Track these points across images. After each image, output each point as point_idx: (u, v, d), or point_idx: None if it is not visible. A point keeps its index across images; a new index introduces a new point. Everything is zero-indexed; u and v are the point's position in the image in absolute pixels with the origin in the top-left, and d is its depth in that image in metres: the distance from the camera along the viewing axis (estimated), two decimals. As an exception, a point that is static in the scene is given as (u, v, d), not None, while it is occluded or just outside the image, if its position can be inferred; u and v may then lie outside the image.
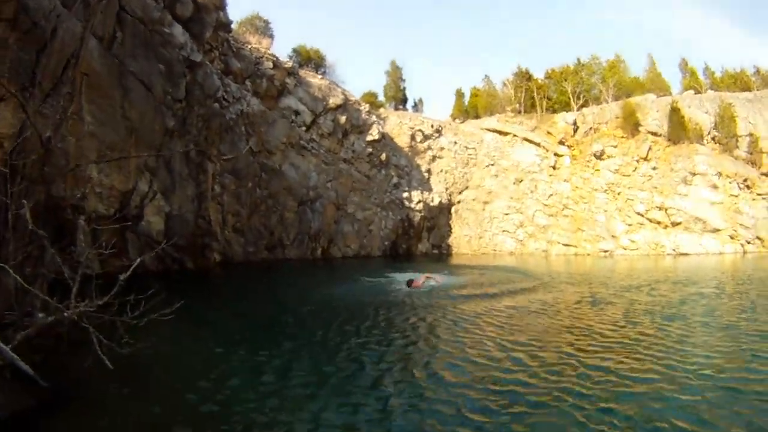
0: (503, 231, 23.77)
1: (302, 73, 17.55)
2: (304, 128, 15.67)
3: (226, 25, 13.03)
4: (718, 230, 22.04)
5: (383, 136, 19.33)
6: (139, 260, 4.33)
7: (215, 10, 11.41)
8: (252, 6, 55.66)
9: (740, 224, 21.80)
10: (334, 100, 17.32)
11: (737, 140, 23.17)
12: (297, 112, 15.46)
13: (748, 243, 21.68)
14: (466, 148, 23.04)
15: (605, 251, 23.12)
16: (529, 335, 6.42)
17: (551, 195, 23.67)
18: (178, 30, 10.43)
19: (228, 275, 11.15)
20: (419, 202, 20.90)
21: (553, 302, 9.79)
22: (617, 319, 8.06)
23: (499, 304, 8.96)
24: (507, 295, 10.35)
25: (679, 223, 22.50)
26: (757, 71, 30.75)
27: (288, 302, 8.90)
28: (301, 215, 15.72)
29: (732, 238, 21.86)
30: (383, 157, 19.26)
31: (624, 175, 23.27)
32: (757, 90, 27.24)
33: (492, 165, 23.54)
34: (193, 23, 10.97)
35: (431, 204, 21.48)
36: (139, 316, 4.02)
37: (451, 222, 22.82)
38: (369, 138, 18.56)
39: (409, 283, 10.40)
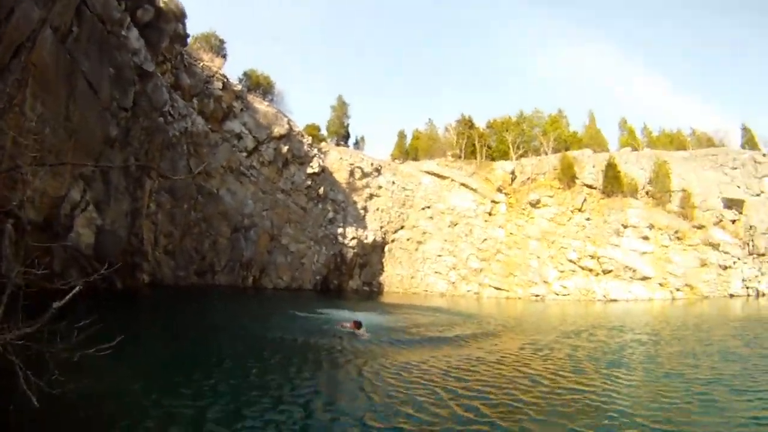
0: (435, 272, 23.99)
1: (250, 97, 17.35)
2: (245, 154, 15.39)
3: (182, 38, 12.73)
4: (648, 278, 23.21)
5: (323, 170, 19.29)
6: (77, 288, 3.93)
7: (175, 20, 11.14)
8: (207, 24, 55.21)
9: (670, 273, 23.06)
10: (278, 129, 17.15)
11: (670, 195, 24.78)
12: (240, 137, 15.18)
13: (678, 290, 22.95)
14: (404, 188, 23.32)
15: (537, 296, 23.81)
16: (477, 383, 6.38)
17: (485, 240, 24.22)
18: (134, 35, 10.08)
19: (157, 299, 10.62)
20: (353, 238, 20.83)
21: (499, 349, 9.87)
22: (563, 365, 8.19)
23: (444, 349, 8.91)
24: (452, 340, 10.35)
25: (610, 271, 23.53)
26: (693, 132, 33.30)
27: (220, 337, 8.56)
28: (234, 242, 15.28)
29: (662, 285, 23.06)
30: (321, 191, 19.16)
31: (558, 224, 24.21)
32: (692, 149, 29.27)
33: (428, 207, 23.90)
34: (150, 30, 10.64)
35: (365, 241, 21.44)
36: (71, 350, 3.65)
37: (383, 260, 22.82)
38: (309, 170, 18.45)
39: (357, 325, 9.80)
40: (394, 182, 22.98)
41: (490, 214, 24.44)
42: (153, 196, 11.41)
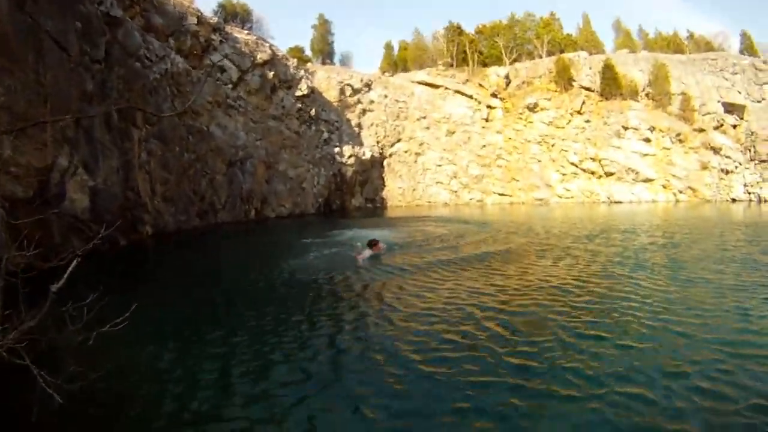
0: (437, 182, 23.89)
1: (228, 28, 16.43)
2: (230, 86, 14.80)
3: (145, -23, 11.90)
4: (651, 180, 23.11)
5: (312, 91, 18.68)
6: (74, 263, 3.74)
7: (136, -38, 10.37)
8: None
9: (672, 175, 22.92)
10: (261, 56, 16.40)
11: (670, 98, 24.11)
12: (223, 69, 14.53)
13: (680, 192, 22.88)
14: (397, 101, 22.73)
15: (540, 199, 23.83)
16: (510, 297, 6.35)
17: (484, 146, 23.93)
18: (93, -17, 9.42)
19: (162, 250, 10.48)
20: (351, 156, 20.54)
21: (520, 258, 9.86)
22: (588, 273, 8.15)
23: (466, 263, 8.90)
24: (472, 252, 10.28)
25: (612, 173, 23.39)
26: (691, 36, 31.90)
27: (230, 280, 8.43)
28: (231, 177, 15.04)
29: (665, 187, 22.98)
30: (313, 112, 18.66)
31: (558, 127, 23.80)
32: (690, 53, 28.23)
33: (423, 118, 23.40)
34: (110, -25, 9.93)
35: (363, 158, 21.16)
36: (81, 333, 3.51)
37: (383, 175, 22.66)
38: (298, 93, 17.85)
39: (372, 244, 9.43)
40: (386, 95, 22.36)
41: (486, 120, 23.97)
42: (142, 145, 11.04)
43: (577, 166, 23.89)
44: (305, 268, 9.14)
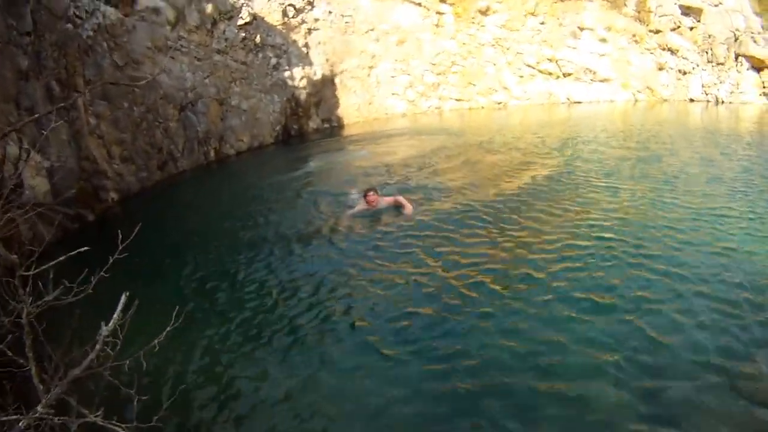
0: (392, 94, 23.50)
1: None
2: (168, 27, 14.00)
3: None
4: (609, 80, 23.15)
5: (254, 18, 17.72)
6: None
7: None
8: None
9: (631, 75, 22.97)
10: (194, -12, 15.41)
11: None
12: (157, 11, 13.64)
13: (639, 92, 23.02)
14: (342, 16, 21.69)
15: (499, 103, 23.80)
16: (498, 218, 6.63)
17: (438, 54, 23.40)
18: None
19: (132, 217, 10.35)
20: (302, 78, 19.92)
21: (501, 175, 10.28)
22: (579, 192, 8.56)
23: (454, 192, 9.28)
24: (454, 175, 10.54)
25: (570, 74, 23.33)
26: None
27: (201, 240, 8.61)
28: (185, 122, 14.56)
29: (623, 87, 23.06)
30: (258, 39, 17.83)
31: (512, 29, 23.29)
32: None
33: (372, 30, 22.50)
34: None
35: (315, 78, 20.54)
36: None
37: (337, 93, 22.11)
38: (240, 22, 16.91)
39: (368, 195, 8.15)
40: (330, 11, 21.27)
41: (437, 26, 23.26)
42: (89, 109, 10.65)
43: (534, 68, 23.70)
44: (278, 211, 9.42)
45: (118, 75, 11.43)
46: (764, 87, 20.97)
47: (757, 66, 21.07)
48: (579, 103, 23.51)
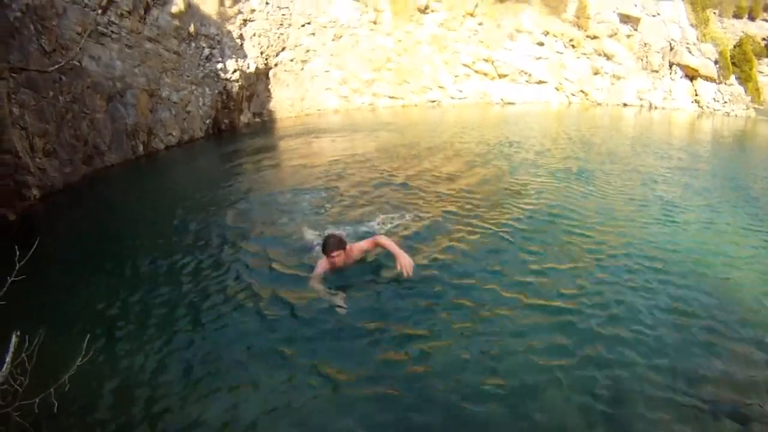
0: (326, 89, 23.23)
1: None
2: (99, 11, 13.09)
3: None
4: (543, 82, 23.82)
5: (189, 6, 16.93)
6: None
7: None
8: None
9: (565, 78, 23.67)
10: (127, -30, 14.45)
11: (566, 5, 24.28)
12: (88, -8, 12.75)
13: (573, 95, 23.77)
14: (279, 8, 21.14)
15: (433, 101, 24.04)
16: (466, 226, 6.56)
17: (373, 49, 23.33)
18: None
19: (55, 217, 9.59)
20: (235, 71, 19.22)
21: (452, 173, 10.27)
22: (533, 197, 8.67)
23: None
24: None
25: (505, 75, 23.87)
26: None
27: (136, 245, 8.07)
28: (112, 113, 13.66)
29: (557, 90, 23.72)
30: (191, 29, 17.04)
31: (450, 29, 23.59)
32: None
33: (308, 23, 22.10)
34: None
35: (248, 71, 19.88)
36: None
37: (270, 87, 21.57)
38: (174, 10, 16.07)
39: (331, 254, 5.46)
40: (267, 2, 20.64)
41: (374, 23, 23.14)
42: (12, 98, 9.75)
43: (470, 68, 24.14)
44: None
45: (44, 62, 10.56)
46: (696, 95, 22.31)
47: (691, 75, 22.44)
48: (513, 104, 24.21)
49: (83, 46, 12.40)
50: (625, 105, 23.53)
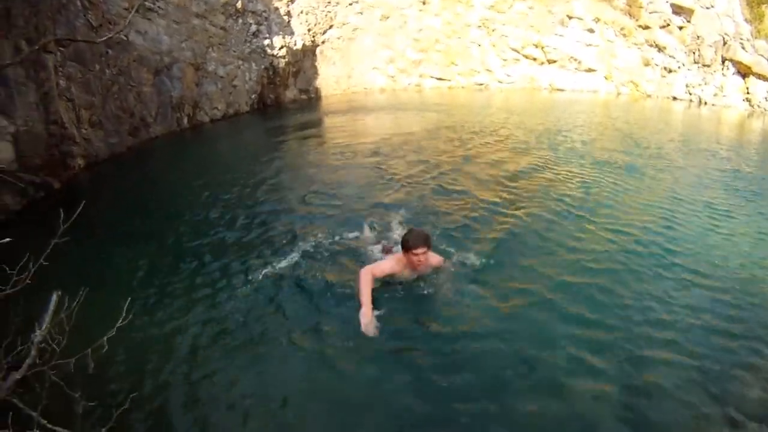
0: (373, 68, 23.25)
1: None
2: (146, -13, 13.50)
3: None
4: (593, 70, 23.15)
5: (237, -18, 17.24)
6: None
7: None
8: None
9: (615, 67, 22.96)
10: (176, -55, 14.78)
11: None
12: (136, -31, 13.12)
13: (623, 85, 23.07)
14: (327, -15, 21.31)
15: (480, 84, 23.73)
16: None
17: (421, 30, 23.14)
18: None
19: (99, 186, 10.04)
20: (282, 47, 19.48)
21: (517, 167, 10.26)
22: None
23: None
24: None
25: (554, 61, 23.33)
26: None
27: (181, 212, 8.30)
28: (158, 86, 14.13)
29: (606, 78, 23.06)
30: (239, 5, 17.30)
31: (499, 12, 23.10)
32: None
33: (356, 2, 22.13)
34: None
35: (295, 48, 20.11)
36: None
37: (316, 64, 21.72)
38: (222, -15, 16.48)
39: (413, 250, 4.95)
40: (315, -20, 20.90)
41: (423, 3, 22.90)
42: (59, 71, 10.20)
43: (518, 52, 23.64)
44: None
45: (92, 36, 10.95)
46: (748, 93, 21.24)
47: (743, 72, 21.29)
48: (561, 90, 23.61)
49: (131, 21, 12.82)
50: (674, 99, 22.57)
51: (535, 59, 23.78)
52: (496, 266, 5.90)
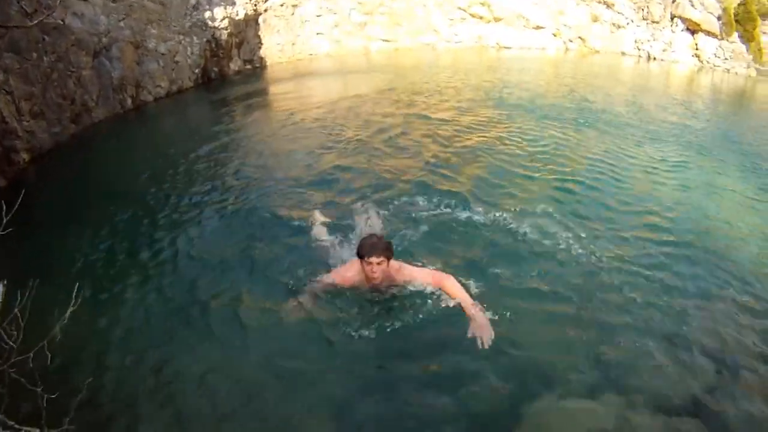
0: (318, 33, 23.15)
1: None
2: (79, -32, 13.18)
3: None
4: (541, 27, 23.49)
5: (173, -46, 16.88)
6: None
7: None
8: None
9: (564, 24, 23.33)
10: None
11: None
12: (67, -51, 12.78)
13: (571, 41, 23.51)
14: (267, -48, 20.94)
15: (427, 44, 23.90)
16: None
17: (366, -8, 23.14)
18: None
19: (44, 178, 10.08)
20: (224, 18, 19.21)
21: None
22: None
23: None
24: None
25: (501, 19, 23.51)
26: None
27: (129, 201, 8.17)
28: (98, 69, 13.91)
29: (555, 35, 23.45)
30: (177, -22, 17.06)
31: None
32: None
33: (296, -31, 21.91)
34: None
35: (237, 18, 19.82)
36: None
37: (260, 33, 21.49)
38: (157, -41, 16.12)
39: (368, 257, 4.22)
40: (255, -53, 20.50)
41: (367, -35, 22.86)
42: (-5, 64, 10.10)
43: (465, 11, 23.87)
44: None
45: (27, 23, 10.80)
46: (697, 49, 22.08)
47: (692, 28, 22.15)
48: (509, 48, 24.01)
49: (67, 4, 12.62)
50: (623, 54, 23.34)
51: (481, 18, 24.06)
52: (441, 226, 6.28)
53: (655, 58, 22.64)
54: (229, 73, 20.07)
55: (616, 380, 4.13)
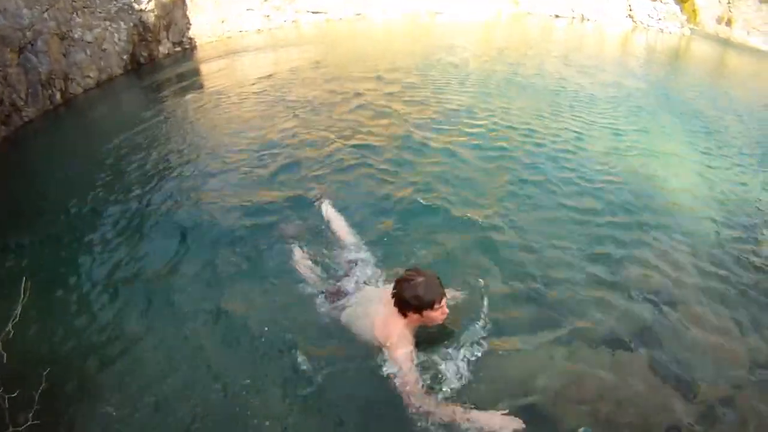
0: (247, 9, 22.90)
1: None
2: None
3: None
4: None
5: (94, -61, 16.34)
6: None
7: None
8: None
9: None
10: None
11: None
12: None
13: (502, 3, 23.84)
14: (191, -70, 20.42)
15: (359, 14, 24.02)
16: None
17: (295, -35, 22.94)
18: None
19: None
20: (150, 1, 18.92)
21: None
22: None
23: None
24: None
25: None
26: None
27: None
28: (24, 65, 13.52)
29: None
30: (99, -37, 16.58)
31: None
32: None
33: (224, -56, 21.49)
34: None
35: (163, 0, 19.58)
36: None
37: (188, 13, 21.07)
38: (78, -54, 15.60)
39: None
40: (177, -74, 19.95)
41: (294, -60, 22.62)
42: None
43: (395, -21, 24.03)
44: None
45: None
46: (631, 10, 22.86)
47: None
48: (440, 14, 24.42)
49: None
50: (556, 16, 23.99)
51: (414, -14, 24.33)
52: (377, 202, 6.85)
53: (588, 19, 23.31)
54: (159, 56, 19.73)
55: (562, 320, 4.53)
